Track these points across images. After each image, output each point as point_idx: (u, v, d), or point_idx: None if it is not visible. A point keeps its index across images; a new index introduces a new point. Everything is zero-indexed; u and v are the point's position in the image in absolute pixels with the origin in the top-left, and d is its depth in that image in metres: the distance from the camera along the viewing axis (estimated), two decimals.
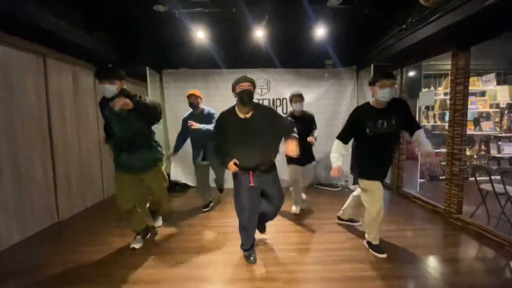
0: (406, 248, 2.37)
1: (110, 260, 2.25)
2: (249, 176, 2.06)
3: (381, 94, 2.08)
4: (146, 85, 3.97)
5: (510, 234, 2.43)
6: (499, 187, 2.63)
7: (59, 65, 3.20)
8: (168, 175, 4.59)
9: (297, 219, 3.11)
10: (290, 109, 3.23)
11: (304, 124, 3.00)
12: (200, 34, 3.74)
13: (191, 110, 3.16)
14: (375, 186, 2.24)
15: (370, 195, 2.25)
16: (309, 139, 2.93)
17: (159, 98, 4.49)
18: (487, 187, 2.73)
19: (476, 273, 2.03)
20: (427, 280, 1.94)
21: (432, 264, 2.17)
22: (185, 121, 3.12)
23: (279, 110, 4.50)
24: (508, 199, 2.59)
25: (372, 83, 2.15)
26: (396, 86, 2.19)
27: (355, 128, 2.23)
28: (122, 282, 1.93)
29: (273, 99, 4.47)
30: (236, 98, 2.02)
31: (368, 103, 2.25)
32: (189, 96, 3.05)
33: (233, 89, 2.03)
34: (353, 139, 2.33)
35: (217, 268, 2.11)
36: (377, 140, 2.17)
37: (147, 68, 3.90)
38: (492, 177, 2.64)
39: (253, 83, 2.02)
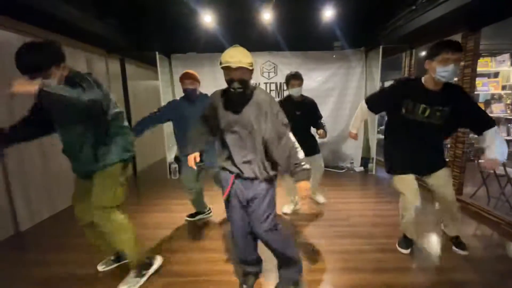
0: None
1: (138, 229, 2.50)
2: None
3: (441, 72, 1.62)
4: (157, 70, 4.08)
5: (508, 214, 2.53)
6: (500, 169, 2.69)
7: (74, 52, 3.33)
8: (178, 157, 4.82)
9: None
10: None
11: (304, 111, 2.66)
12: (207, 18, 3.75)
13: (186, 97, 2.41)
14: (405, 181, 1.93)
15: (401, 194, 1.99)
16: (319, 132, 2.68)
17: (169, 82, 4.60)
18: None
19: (471, 248, 2.16)
20: (421, 253, 2.09)
21: (428, 240, 2.31)
22: (174, 107, 2.42)
23: (285, 95, 4.55)
24: (508, 180, 2.67)
25: (430, 56, 1.67)
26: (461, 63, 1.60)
27: (390, 99, 1.87)
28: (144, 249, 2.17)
29: (280, 83, 4.51)
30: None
31: (419, 79, 1.80)
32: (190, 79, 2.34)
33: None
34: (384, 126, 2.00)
35: (228, 240, 2.32)
36: (412, 128, 1.80)
37: (157, 53, 3.98)
38: None
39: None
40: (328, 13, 3.74)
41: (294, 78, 2.58)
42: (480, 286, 1.74)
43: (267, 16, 3.77)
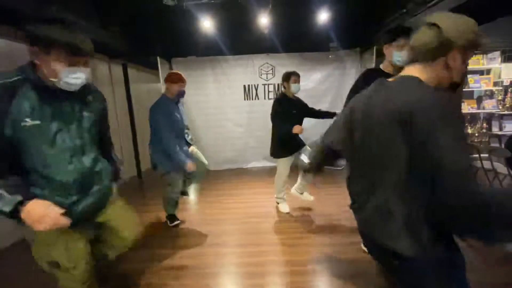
0: None
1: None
2: None
3: (397, 56, 1.61)
4: (158, 73, 4.22)
5: None
6: (488, 164, 2.84)
7: None
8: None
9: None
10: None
11: (298, 109, 2.76)
12: (207, 24, 3.88)
13: (175, 99, 2.45)
14: None
15: None
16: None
17: None
18: (477, 164, 2.95)
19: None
20: None
21: None
22: (170, 114, 2.37)
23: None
24: (495, 175, 2.82)
25: (390, 41, 1.63)
26: None
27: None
28: (155, 245, 2.33)
29: (278, 84, 4.65)
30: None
31: (378, 67, 1.75)
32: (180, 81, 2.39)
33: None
34: None
35: (232, 235, 2.49)
36: None
37: (158, 58, 4.12)
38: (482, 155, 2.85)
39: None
40: (323, 16, 3.87)
41: (296, 75, 2.67)
42: None
43: (264, 20, 3.90)
